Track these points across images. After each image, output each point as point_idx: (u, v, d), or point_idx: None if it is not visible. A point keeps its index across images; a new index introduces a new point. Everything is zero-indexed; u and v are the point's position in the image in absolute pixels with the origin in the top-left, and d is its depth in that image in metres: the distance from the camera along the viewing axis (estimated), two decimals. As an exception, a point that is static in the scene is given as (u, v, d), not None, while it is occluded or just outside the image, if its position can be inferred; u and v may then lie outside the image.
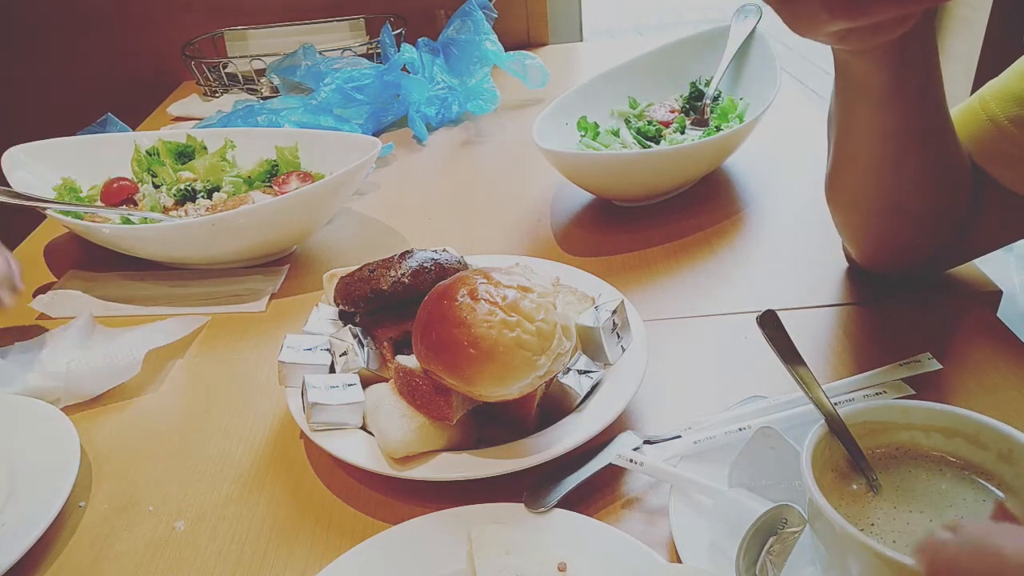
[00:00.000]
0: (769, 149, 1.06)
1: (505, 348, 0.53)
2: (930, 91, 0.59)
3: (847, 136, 0.65)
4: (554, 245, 0.92)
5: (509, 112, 1.33)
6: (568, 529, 0.53)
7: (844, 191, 0.70)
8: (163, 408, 0.72)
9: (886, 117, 0.60)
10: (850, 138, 0.64)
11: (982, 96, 0.66)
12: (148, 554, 0.58)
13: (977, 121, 0.66)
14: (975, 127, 0.66)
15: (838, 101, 0.63)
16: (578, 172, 0.94)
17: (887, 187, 0.65)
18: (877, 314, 0.74)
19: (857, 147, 0.64)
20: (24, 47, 1.69)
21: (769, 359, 0.52)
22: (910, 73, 0.56)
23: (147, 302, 0.88)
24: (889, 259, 0.75)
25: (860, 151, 0.64)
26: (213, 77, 1.52)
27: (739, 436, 0.57)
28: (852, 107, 0.62)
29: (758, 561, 0.45)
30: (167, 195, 1.01)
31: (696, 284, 0.82)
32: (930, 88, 0.59)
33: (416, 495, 0.59)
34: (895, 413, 0.48)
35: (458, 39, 1.31)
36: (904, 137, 0.61)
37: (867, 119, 0.61)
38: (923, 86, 0.58)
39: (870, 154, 0.63)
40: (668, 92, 1.12)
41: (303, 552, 0.56)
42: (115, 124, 1.26)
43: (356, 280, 0.66)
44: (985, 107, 0.65)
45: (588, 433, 0.58)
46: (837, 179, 0.70)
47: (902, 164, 0.63)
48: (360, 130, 1.22)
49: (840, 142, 0.66)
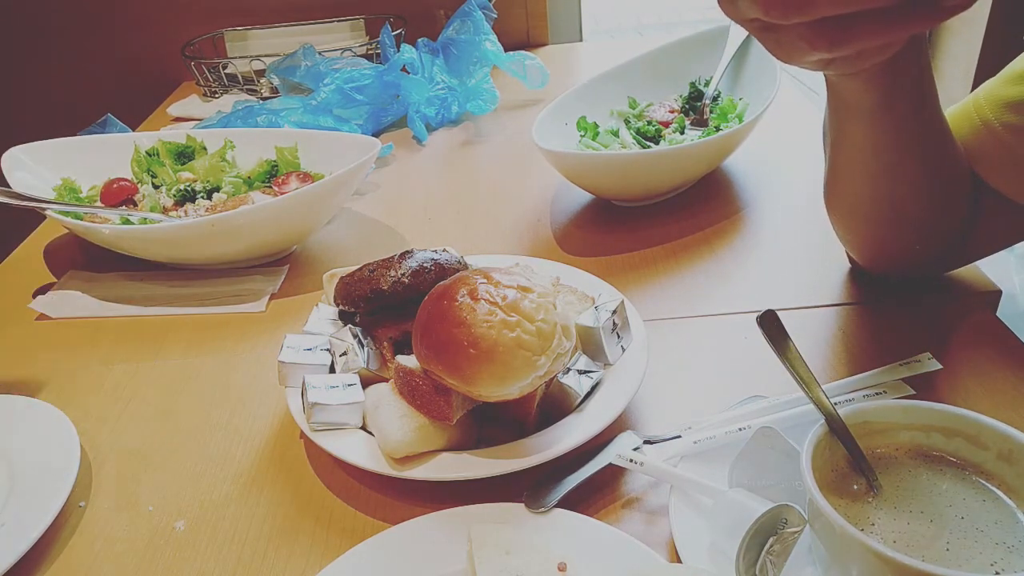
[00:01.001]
0: (769, 149, 1.06)
1: (505, 348, 0.53)
2: (924, 105, 0.59)
3: (841, 149, 0.64)
4: (554, 245, 0.92)
5: (509, 112, 1.33)
6: (568, 529, 0.52)
7: (843, 200, 0.70)
8: (163, 408, 0.72)
9: (880, 132, 0.59)
10: (845, 151, 0.64)
11: (976, 98, 0.66)
12: (148, 554, 0.58)
13: (971, 124, 0.65)
14: (968, 129, 0.66)
15: (831, 117, 0.63)
16: (578, 172, 0.94)
17: (885, 196, 0.65)
18: (877, 314, 0.74)
19: (852, 159, 0.64)
20: (24, 47, 1.69)
21: (769, 359, 0.52)
22: (901, 91, 0.55)
23: (147, 302, 0.88)
24: (891, 263, 0.75)
25: (856, 163, 0.64)
26: (213, 77, 1.52)
27: (739, 436, 0.56)
28: (845, 123, 0.61)
29: (758, 561, 0.45)
30: (167, 195, 1.01)
31: (696, 284, 0.82)
32: (923, 102, 0.58)
33: (416, 495, 0.59)
34: (895, 413, 0.48)
35: (458, 39, 1.31)
36: (899, 149, 0.60)
37: (861, 134, 0.60)
38: (916, 101, 0.57)
39: (866, 166, 0.63)
40: (668, 92, 1.12)
41: (303, 552, 0.56)
42: (115, 124, 1.26)
43: (356, 280, 0.66)
44: (979, 110, 0.65)
45: (588, 433, 0.58)
46: (835, 188, 0.70)
47: (899, 174, 0.62)
48: (360, 130, 1.22)
49: (836, 154, 0.66)
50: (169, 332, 0.83)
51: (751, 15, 0.43)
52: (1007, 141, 0.63)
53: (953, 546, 0.42)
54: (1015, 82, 0.63)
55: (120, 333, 0.84)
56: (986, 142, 0.64)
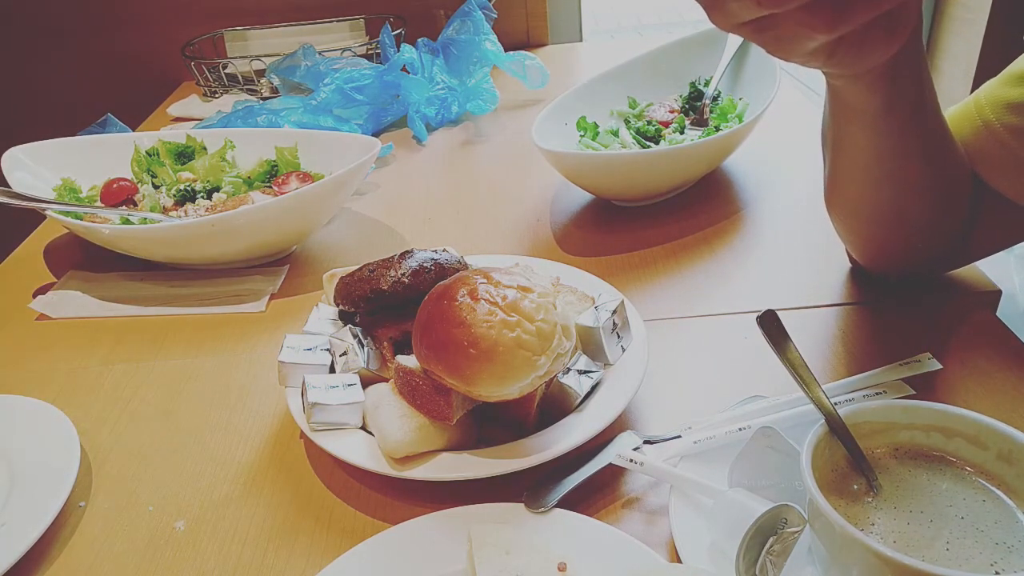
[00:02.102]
0: (769, 149, 1.07)
1: (505, 348, 0.53)
2: (924, 107, 0.58)
3: (843, 153, 0.64)
4: (554, 245, 0.92)
5: (509, 112, 1.33)
6: (568, 529, 0.52)
7: (844, 203, 0.70)
8: (163, 408, 0.72)
9: (881, 137, 0.59)
10: (846, 155, 0.64)
11: (977, 99, 0.66)
12: (148, 554, 0.58)
13: (972, 125, 0.65)
14: (969, 130, 0.65)
15: (832, 122, 0.63)
16: (578, 172, 0.94)
17: (886, 199, 0.65)
18: (877, 314, 0.74)
19: (854, 163, 0.64)
20: (24, 47, 1.69)
21: (769, 359, 0.52)
22: (902, 95, 0.55)
23: (147, 302, 0.88)
24: (892, 263, 0.75)
25: (858, 167, 0.64)
26: (213, 77, 1.52)
27: (739, 436, 0.56)
28: (846, 128, 0.61)
29: (758, 561, 0.45)
30: (167, 195, 1.01)
31: (696, 284, 0.82)
32: (924, 104, 0.58)
33: (416, 495, 0.59)
34: (895, 413, 0.48)
35: (458, 39, 1.31)
36: (901, 152, 0.60)
37: (862, 139, 0.60)
38: (916, 103, 0.57)
39: (868, 170, 0.63)
40: (668, 92, 1.12)
41: (303, 552, 0.56)
42: (115, 124, 1.26)
43: (356, 280, 0.66)
44: (980, 111, 0.65)
45: (588, 433, 0.58)
46: (836, 190, 0.70)
47: (901, 177, 0.62)
48: (360, 130, 1.22)
49: (836, 158, 0.66)
50: (169, 332, 0.83)
51: (745, 17, 0.43)
52: (1008, 142, 0.63)
53: (953, 546, 0.42)
54: (1016, 83, 0.63)
55: (120, 333, 0.84)
56: (987, 143, 0.64)
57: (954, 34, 1.79)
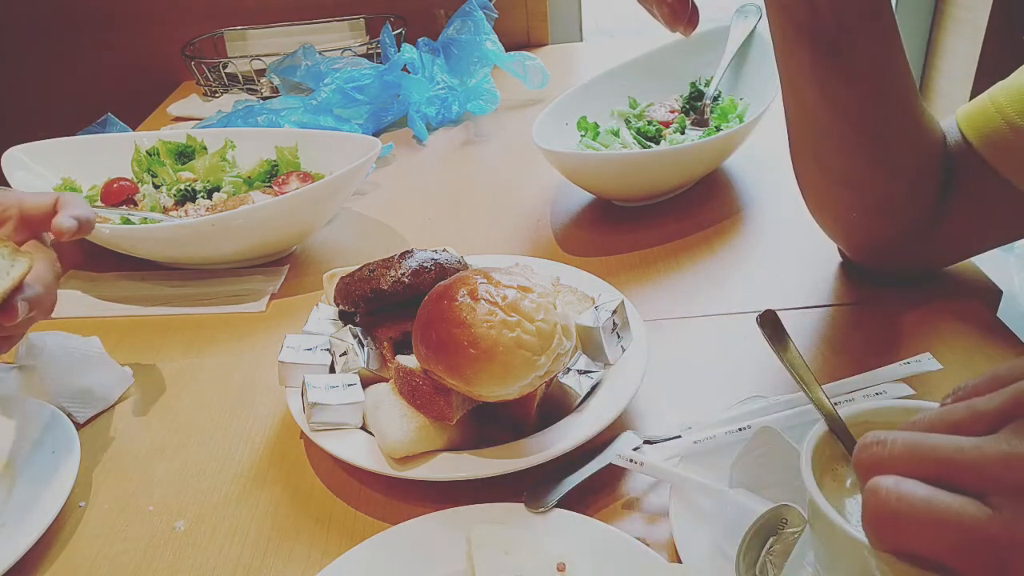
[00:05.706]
0: (769, 149, 1.06)
1: (505, 348, 0.53)
2: (886, 80, 0.61)
3: (799, 115, 0.68)
4: (554, 245, 0.92)
5: (509, 112, 1.33)
6: (568, 529, 0.52)
7: (805, 176, 0.73)
8: (163, 408, 0.72)
9: (835, 85, 0.62)
10: (803, 118, 0.68)
11: (992, 97, 0.65)
12: (148, 554, 0.58)
13: (991, 121, 0.65)
14: (988, 128, 0.65)
15: (783, 74, 0.67)
16: (578, 172, 0.94)
17: (837, 168, 0.67)
18: (877, 314, 0.74)
19: (810, 126, 0.67)
20: (24, 47, 1.69)
21: (769, 359, 0.52)
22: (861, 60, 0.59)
23: (147, 302, 0.88)
24: (866, 250, 0.76)
25: (811, 129, 0.67)
26: (213, 77, 1.52)
27: (739, 436, 0.56)
28: (801, 91, 0.65)
29: (758, 561, 0.45)
30: (167, 195, 1.01)
31: (696, 284, 0.82)
32: (885, 78, 0.61)
33: (416, 495, 0.59)
34: (895, 413, 0.48)
35: (458, 39, 1.31)
36: (853, 115, 0.63)
37: (816, 95, 0.63)
38: (875, 53, 0.60)
39: (825, 134, 0.66)
40: (668, 92, 1.12)
41: (303, 552, 0.56)
42: (115, 124, 1.26)
43: (356, 280, 0.66)
44: (998, 107, 0.64)
45: (588, 433, 0.58)
46: (797, 166, 0.73)
47: (851, 145, 0.65)
48: (360, 130, 1.22)
49: (794, 119, 0.70)
50: (169, 332, 0.83)
51: None
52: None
53: (953, 546, 0.42)
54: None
55: (120, 333, 0.84)
56: (1007, 136, 0.64)
57: (954, 34, 1.79)
